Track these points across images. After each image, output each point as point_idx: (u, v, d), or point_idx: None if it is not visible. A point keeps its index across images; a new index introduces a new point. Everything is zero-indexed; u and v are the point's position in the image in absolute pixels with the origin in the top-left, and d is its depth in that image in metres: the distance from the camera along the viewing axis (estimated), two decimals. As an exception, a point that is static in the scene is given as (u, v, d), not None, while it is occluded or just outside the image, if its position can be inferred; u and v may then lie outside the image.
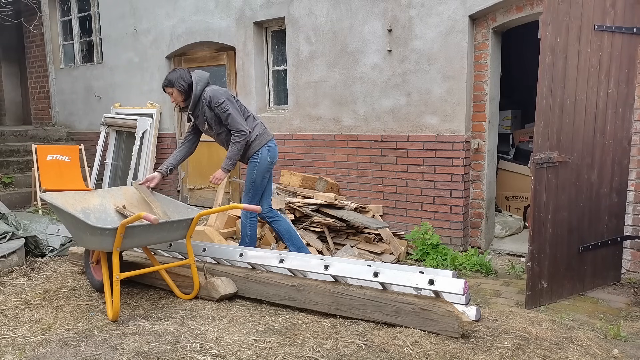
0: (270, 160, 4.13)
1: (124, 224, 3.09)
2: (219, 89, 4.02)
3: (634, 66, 3.70)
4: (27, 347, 2.87)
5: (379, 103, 5.12)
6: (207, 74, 4.15)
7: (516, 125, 7.41)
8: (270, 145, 4.14)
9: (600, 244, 3.76)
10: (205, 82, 4.06)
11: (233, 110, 3.97)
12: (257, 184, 4.12)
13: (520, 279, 4.14)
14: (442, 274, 3.25)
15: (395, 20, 4.92)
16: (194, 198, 7.12)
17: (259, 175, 4.10)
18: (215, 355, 2.70)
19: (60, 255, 4.78)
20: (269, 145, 4.12)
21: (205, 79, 4.08)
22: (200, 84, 4.01)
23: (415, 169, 4.97)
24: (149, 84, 7.26)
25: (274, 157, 4.17)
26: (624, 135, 3.74)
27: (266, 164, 4.11)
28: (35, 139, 8.36)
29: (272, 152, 4.14)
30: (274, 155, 4.17)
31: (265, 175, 4.14)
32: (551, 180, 3.46)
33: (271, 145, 4.15)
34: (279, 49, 6.06)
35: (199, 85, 4.00)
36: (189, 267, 3.57)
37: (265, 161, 4.10)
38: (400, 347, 2.71)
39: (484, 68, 4.70)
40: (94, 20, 8.20)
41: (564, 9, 3.35)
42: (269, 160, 4.12)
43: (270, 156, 4.12)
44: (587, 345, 2.75)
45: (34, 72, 9.37)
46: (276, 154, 4.20)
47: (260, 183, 4.13)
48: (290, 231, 4.29)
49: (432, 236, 4.65)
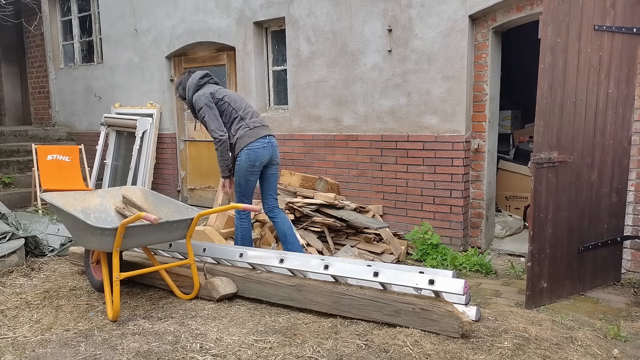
0: (250, 164, 4.03)
1: (124, 224, 3.09)
2: (202, 95, 4.05)
3: (634, 66, 3.70)
4: (27, 347, 2.87)
5: (379, 103, 5.12)
6: (200, 74, 4.16)
7: (516, 125, 7.41)
8: (250, 148, 4.01)
9: (600, 244, 3.76)
10: (196, 87, 4.13)
11: (209, 117, 4.04)
12: (241, 186, 4.12)
13: (520, 279, 4.14)
14: (442, 274, 3.25)
15: (395, 20, 4.92)
16: (194, 198, 7.12)
17: (241, 177, 4.09)
18: (215, 355, 2.70)
19: (60, 255, 4.78)
20: (248, 148, 4.01)
21: (195, 84, 4.13)
22: (191, 91, 4.12)
23: (415, 169, 4.97)
24: (149, 84, 7.26)
25: (255, 160, 4.03)
26: (624, 135, 3.74)
27: (245, 167, 4.04)
28: (35, 139, 8.36)
29: (251, 155, 4.01)
30: (255, 158, 4.03)
31: (248, 177, 4.09)
32: (551, 180, 3.46)
33: (251, 148, 4.01)
34: (279, 49, 6.06)
35: (189, 91, 4.13)
36: (189, 267, 3.58)
37: (244, 164, 4.03)
38: (400, 347, 2.71)
39: (484, 68, 4.70)
40: (94, 20, 8.20)
41: (564, 9, 3.35)
42: (248, 163, 4.03)
43: (249, 159, 4.02)
44: (587, 345, 2.75)
45: (34, 72, 9.37)
46: (258, 156, 4.04)
47: (245, 185, 4.11)
48: (287, 233, 4.22)
49: (432, 236, 4.65)
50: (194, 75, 4.20)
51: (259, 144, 4.06)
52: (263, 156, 4.09)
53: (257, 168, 4.10)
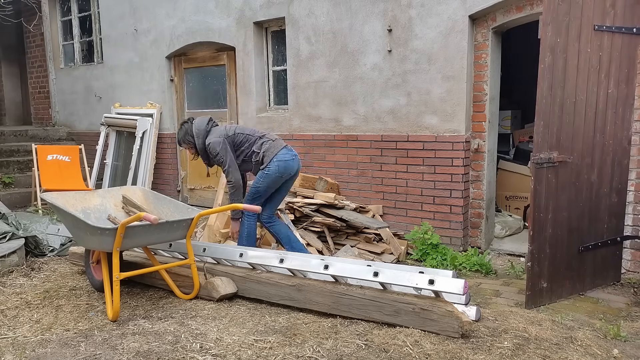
0: (278, 175, 4.09)
1: (124, 224, 3.09)
2: (215, 142, 4.10)
3: (634, 66, 3.70)
4: (27, 347, 2.87)
5: (379, 103, 5.12)
6: (205, 121, 4.24)
7: (516, 125, 7.41)
8: (280, 160, 4.08)
9: (600, 244, 3.76)
10: (204, 133, 4.19)
11: (227, 162, 4.11)
12: (259, 192, 4.13)
13: (520, 279, 4.14)
14: (442, 274, 3.25)
15: (395, 20, 4.92)
16: (194, 198, 7.12)
17: (263, 184, 4.11)
18: (215, 355, 2.70)
19: (60, 255, 4.78)
20: (277, 159, 4.08)
21: (203, 131, 4.19)
22: (199, 138, 4.18)
23: (415, 169, 4.98)
24: (149, 84, 7.26)
25: (284, 172, 4.10)
26: (624, 135, 3.74)
27: (273, 177, 4.09)
28: (35, 139, 8.35)
29: (281, 166, 4.08)
30: (284, 169, 4.09)
31: (270, 186, 4.13)
32: (551, 180, 3.46)
33: (280, 160, 4.08)
34: (279, 49, 6.06)
35: (199, 139, 4.18)
36: (189, 267, 3.57)
37: (273, 174, 4.08)
38: (400, 347, 2.71)
39: (484, 68, 4.70)
40: (94, 20, 8.20)
41: (564, 9, 3.35)
42: (277, 174, 4.08)
43: (279, 170, 4.08)
44: (587, 345, 2.75)
45: (34, 72, 9.37)
46: (288, 168, 4.11)
47: (263, 192, 4.15)
48: (290, 236, 4.30)
49: (432, 236, 4.66)
50: (196, 122, 4.25)
51: (288, 156, 4.13)
52: (292, 168, 4.16)
53: (283, 179, 4.16)
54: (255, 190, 4.13)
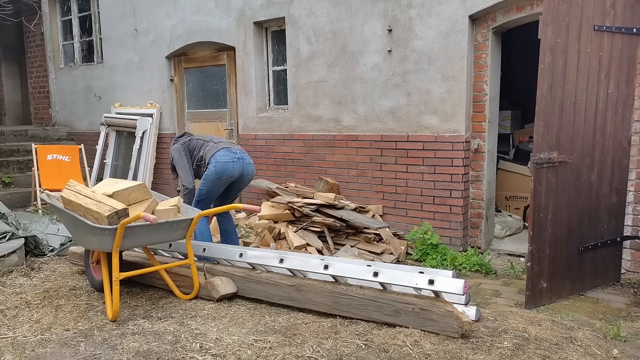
0: (217, 176, 4.06)
1: (123, 224, 3.09)
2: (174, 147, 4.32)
3: (634, 66, 3.70)
4: (27, 347, 2.87)
5: (379, 103, 5.12)
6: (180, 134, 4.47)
7: (516, 125, 7.41)
8: (217, 160, 4.06)
9: (600, 244, 3.76)
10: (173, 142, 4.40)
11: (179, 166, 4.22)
12: (202, 194, 4.14)
13: (520, 279, 4.14)
14: (441, 274, 3.25)
15: (395, 20, 4.92)
16: (193, 198, 7.11)
17: (205, 185, 4.12)
18: (215, 355, 2.70)
19: (60, 255, 4.78)
20: (214, 159, 4.07)
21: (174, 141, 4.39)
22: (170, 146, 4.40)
23: (415, 169, 4.97)
24: (149, 83, 7.26)
25: (222, 173, 4.06)
26: (624, 135, 3.74)
27: (212, 177, 4.08)
28: (35, 138, 8.35)
29: (218, 167, 4.05)
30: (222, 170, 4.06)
31: (212, 188, 4.13)
32: (551, 181, 3.46)
33: (218, 160, 4.06)
34: (279, 49, 6.06)
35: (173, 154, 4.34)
36: (189, 267, 3.58)
37: (211, 175, 4.07)
38: (400, 347, 2.71)
39: (484, 68, 4.70)
40: (94, 20, 8.20)
41: (564, 9, 3.35)
42: (215, 175, 4.06)
43: (216, 171, 4.06)
44: (587, 345, 2.75)
45: (34, 71, 9.37)
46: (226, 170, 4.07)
47: (206, 193, 4.14)
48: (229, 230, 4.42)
49: (432, 236, 4.65)
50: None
51: (227, 158, 4.10)
52: (232, 170, 4.11)
53: (223, 181, 4.13)
54: (199, 192, 4.17)
